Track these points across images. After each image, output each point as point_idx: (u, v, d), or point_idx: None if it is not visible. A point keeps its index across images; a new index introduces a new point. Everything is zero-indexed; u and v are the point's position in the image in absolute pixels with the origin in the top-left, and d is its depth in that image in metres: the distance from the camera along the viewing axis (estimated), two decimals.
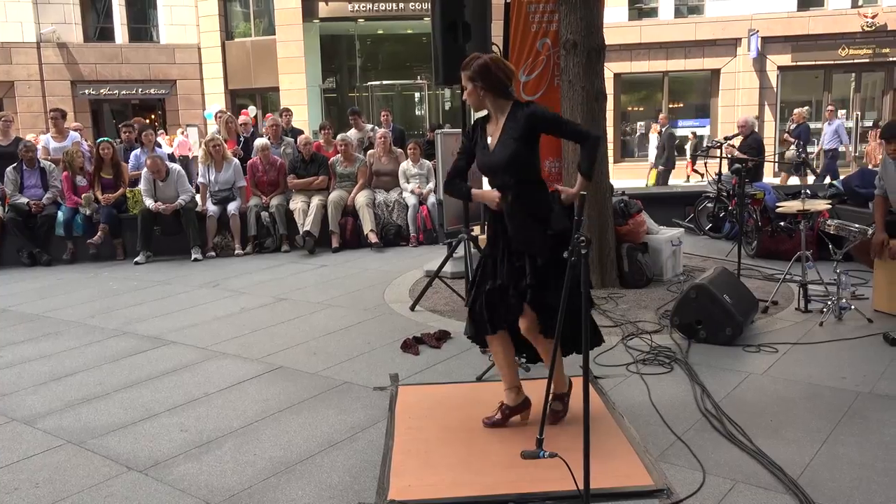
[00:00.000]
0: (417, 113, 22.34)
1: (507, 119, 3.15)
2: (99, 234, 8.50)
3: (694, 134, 19.05)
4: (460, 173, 3.35)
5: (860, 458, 2.97)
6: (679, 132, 21.06)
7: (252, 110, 15.30)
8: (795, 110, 14.18)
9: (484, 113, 3.29)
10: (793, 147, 13.59)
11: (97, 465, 3.22)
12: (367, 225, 8.47)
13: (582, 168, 3.16)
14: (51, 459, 3.31)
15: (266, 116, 12.46)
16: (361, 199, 8.58)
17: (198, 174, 9.16)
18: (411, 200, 8.76)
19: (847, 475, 2.84)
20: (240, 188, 8.82)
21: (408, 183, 8.94)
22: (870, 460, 2.96)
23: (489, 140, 3.21)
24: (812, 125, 20.91)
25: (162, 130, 18.08)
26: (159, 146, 10.34)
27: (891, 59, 19.60)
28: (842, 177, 8.34)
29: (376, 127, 10.69)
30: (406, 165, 9.03)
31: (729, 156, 8.54)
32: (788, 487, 2.75)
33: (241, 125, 10.02)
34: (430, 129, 13.47)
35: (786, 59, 19.92)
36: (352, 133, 10.41)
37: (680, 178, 17.04)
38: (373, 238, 8.40)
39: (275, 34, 20.18)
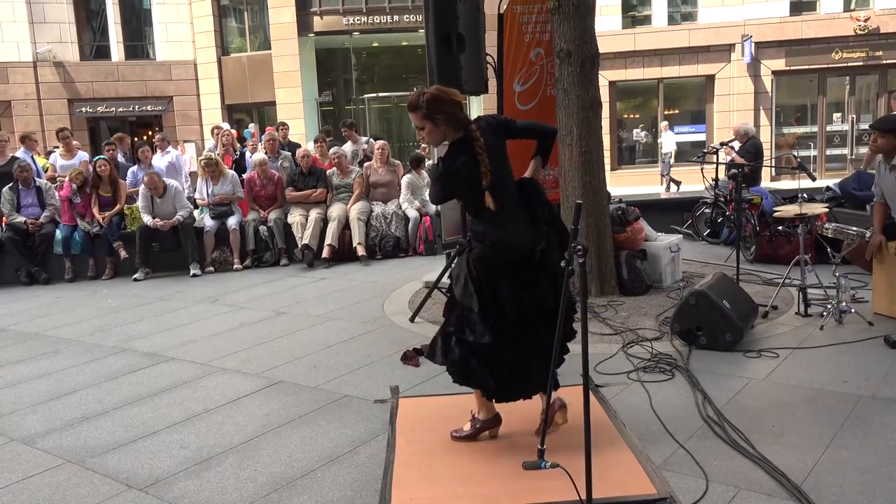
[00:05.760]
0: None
1: (483, 135, 3.01)
2: (122, 253, 8.53)
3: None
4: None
5: (864, 463, 2.96)
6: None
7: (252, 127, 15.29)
8: None
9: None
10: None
11: (97, 485, 3.20)
12: (356, 238, 8.47)
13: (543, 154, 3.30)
14: (51, 479, 3.29)
15: (268, 129, 12.29)
16: (354, 211, 8.59)
17: (194, 189, 9.20)
18: (412, 213, 8.77)
19: (851, 480, 2.83)
20: (238, 197, 8.86)
21: (412, 195, 8.94)
22: (873, 465, 2.94)
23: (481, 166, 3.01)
24: (802, 129, 21.06)
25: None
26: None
27: (884, 61, 19.68)
28: (838, 180, 8.34)
29: (371, 139, 10.70)
30: (412, 177, 9.04)
31: (729, 157, 8.56)
32: (792, 493, 2.73)
33: (268, 142, 9.77)
34: None
35: (780, 64, 20.00)
36: (347, 146, 10.43)
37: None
38: (360, 251, 8.39)
39: (270, 49, 20.26)
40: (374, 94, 21.36)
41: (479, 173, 2.98)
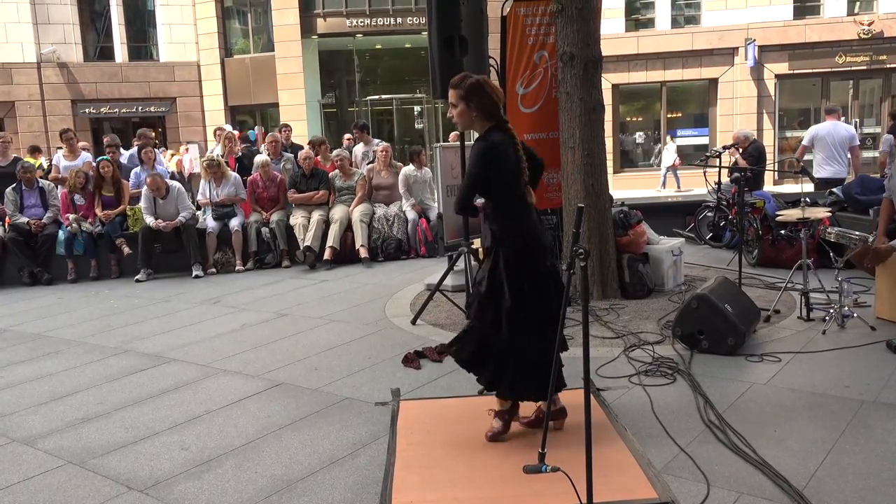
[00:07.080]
0: (417, 126, 22.41)
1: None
2: (125, 249, 8.54)
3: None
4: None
5: (865, 468, 2.95)
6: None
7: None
8: None
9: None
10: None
11: (98, 486, 3.20)
12: (359, 240, 8.48)
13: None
14: (51, 480, 3.29)
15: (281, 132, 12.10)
16: (357, 213, 8.59)
17: (198, 191, 9.23)
18: (410, 214, 8.77)
19: (852, 485, 2.82)
20: (241, 199, 8.87)
21: (409, 192, 8.93)
22: (875, 470, 2.93)
23: None
24: (805, 133, 21.00)
25: (163, 148, 18.15)
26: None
27: (888, 65, 19.68)
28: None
29: (381, 141, 10.70)
30: (409, 170, 9.01)
31: (734, 158, 8.57)
32: (794, 499, 2.73)
33: (270, 143, 9.83)
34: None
35: (783, 68, 20.00)
36: (358, 147, 10.43)
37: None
38: (363, 253, 8.39)
39: (274, 50, 20.30)
40: (376, 97, 21.38)
41: (517, 157, 3.11)
